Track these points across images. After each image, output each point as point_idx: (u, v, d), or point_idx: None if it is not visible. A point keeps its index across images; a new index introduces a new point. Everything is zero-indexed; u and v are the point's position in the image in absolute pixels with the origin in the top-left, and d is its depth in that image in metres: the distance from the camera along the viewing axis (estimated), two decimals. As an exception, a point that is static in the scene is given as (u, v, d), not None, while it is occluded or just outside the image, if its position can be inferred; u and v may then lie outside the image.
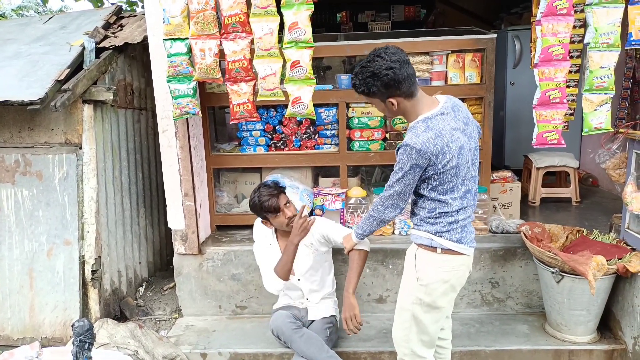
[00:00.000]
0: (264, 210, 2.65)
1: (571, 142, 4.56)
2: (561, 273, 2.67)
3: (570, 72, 2.59)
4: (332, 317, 2.80)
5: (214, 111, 3.72)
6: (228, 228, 3.52)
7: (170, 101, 2.80)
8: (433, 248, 2.05)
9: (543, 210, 3.88)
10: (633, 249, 2.73)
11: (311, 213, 3.23)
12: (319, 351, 2.54)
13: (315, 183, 3.56)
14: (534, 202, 3.98)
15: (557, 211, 3.82)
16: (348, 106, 3.26)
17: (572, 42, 2.59)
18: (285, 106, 2.85)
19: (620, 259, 2.65)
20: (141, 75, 3.72)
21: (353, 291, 2.49)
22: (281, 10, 2.49)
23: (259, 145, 3.38)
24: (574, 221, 3.51)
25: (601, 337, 2.82)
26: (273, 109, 3.36)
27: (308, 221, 2.58)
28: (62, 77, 3.03)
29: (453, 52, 3.15)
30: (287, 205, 2.69)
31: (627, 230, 2.81)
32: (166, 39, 2.65)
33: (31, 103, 2.84)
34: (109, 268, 3.29)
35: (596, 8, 2.40)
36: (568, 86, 2.74)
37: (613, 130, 2.65)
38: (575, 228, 3.05)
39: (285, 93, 2.65)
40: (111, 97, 3.12)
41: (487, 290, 3.13)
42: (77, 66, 3.22)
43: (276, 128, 3.39)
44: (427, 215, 2.05)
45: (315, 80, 2.61)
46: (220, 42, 2.60)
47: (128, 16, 3.90)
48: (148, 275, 3.81)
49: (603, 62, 2.45)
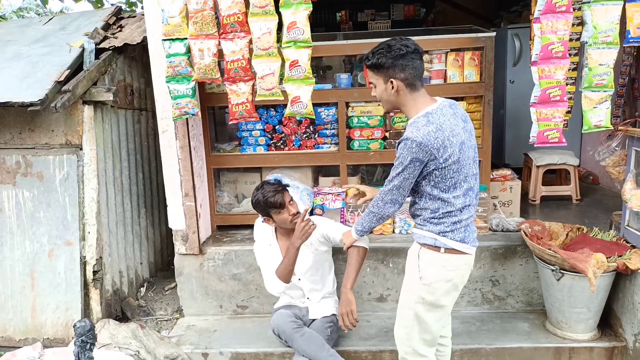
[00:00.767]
0: (268, 206, 2.64)
1: (571, 140, 4.55)
2: (561, 271, 2.68)
3: (568, 70, 2.59)
4: (333, 316, 2.80)
5: (214, 111, 3.72)
6: (229, 228, 3.53)
7: (170, 101, 2.80)
8: (437, 247, 2.05)
9: (543, 208, 3.88)
10: (633, 246, 2.73)
11: (311, 212, 3.23)
12: (320, 350, 2.55)
13: (315, 182, 3.56)
14: (534, 200, 3.98)
15: (557, 209, 3.82)
16: (347, 105, 3.26)
17: (570, 40, 2.58)
18: (284, 106, 2.85)
19: (620, 257, 2.65)
20: (141, 75, 3.73)
21: (351, 287, 2.49)
22: (280, 9, 2.49)
23: (259, 145, 3.39)
24: (574, 219, 3.51)
25: (602, 335, 2.82)
26: (273, 109, 3.36)
27: (310, 225, 2.57)
28: (62, 78, 3.04)
29: (452, 51, 3.15)
30: (291, 202, 2.69)
31: (627, 227, 2.81)
32: (165, 39, 2.65)
33: (31, 104, 2.85)
34: (110, 268, 3.30)
35: (594, 5, 2.40)
36: (566, 84, 2.74)
37: (612, 127, 2.65)
38: (575, 226, 3.06)
39: (284, 93, 2.65)
40: (111, 98, 3.13)
41: (488, 288, 3.13)
42: (77, 67, 3.23)
43: (276, 128, 3.39)
44: (431, 215, 2.04)
45: (314, 79, 2.61)
46: (218, 42, 2.60)
47: (127, 17, 3.91)
48: (149, 275, 3.82)
49: (602, 60, 2.45)
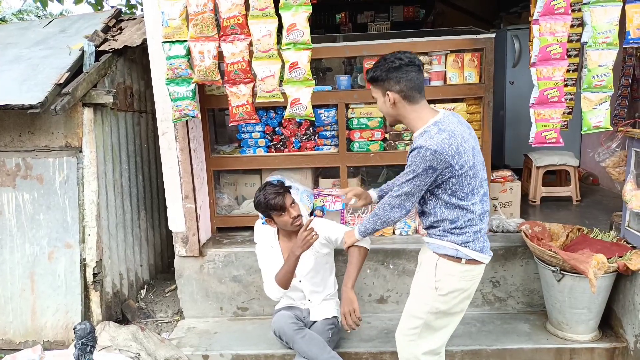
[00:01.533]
0: (270, 208, 2.63)
1: (571, 141, 4.57)
2: (562, 272, 2.67)
3: (568, 71, 2.60)
4: (334, 318, 2.80)
5: (214, 113, 3.73)
6: (229, 230, 3.52)
7: (169, 104, 2.80)
8: (458, 259, 2.03)
9: (543, 209, 3.88)
10: (633, 247, 2.73)
11: (311, 214, 3.23)
12: (321, 352, 2.54)
13: (315, 184, 3.56)
14: (534, 201, 3.98)
15: (558, 210, 3.82)
16: (347, 107, 3.26)
17: (570, 41, 2.59)
18: (284, 107, 2.85)
19: (620, 257, 2.65)
20: (141, 78, 3.73)
21: (352, 286, 2.49)
22: (279, 11, 2.49)
23: (259, 146, 3.39)
24: (575, 220, 3.51)
25: (602, 336, 2.82)
26: (272, 111, 3.36)
27: (312, 235, 2.55)
28: (62, 81, 3.04)
29: (452, 52, 3.15)
30: (293, 205, 2.68)
31: (628, 228, 2.81)
32: (165, 42, 2.65)
33: (31, 107, 2.85)
34: (110, 271, 3.30)
35: (594, 7, 2.40)
36: (566, 85, 2.75)
37: (612, 128, 2.65)
38: (575, 227, 3.06)
39: (284, 94, 2.65)
40: (111, 100, 3.13)
41: (488, 289, 3.13)
42: (77, 70, 3.23)
43: (276, 129, 3.39)
44: (452, 226, 2.02)
45: (314, 81, 2.61)
46: (219, 44, 2.60)
47: (127, 19, 3.91)
48: (149, 277, 3.82)
49: (601, 61, 2.45)
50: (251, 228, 3.14)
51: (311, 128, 3.37)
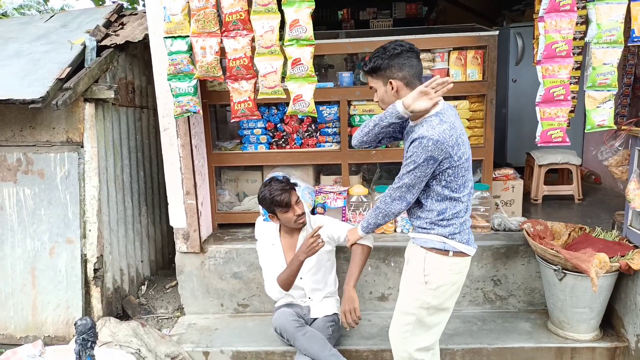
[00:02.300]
0: (274, 204, 2.61)
1: (574, 140, 4.53)
2: (563, 271, 2.67)
3: (572, 69, 2.58)
4: (335, 316, 2.80)
5: (215, 109, 3.71)
6: (230, 226, 3.52)
7: (171, 99, 2.80)
8: (445, 251, 2.03)
9: (545, 207, 3.87)
10: (636, 246, 2.72)
11: (313, 211, 3.22)
12: (322, 349, 2.54)
13: (316, 181, 3.56)
14: (536, 200, 3.97)
15: (560, 209, 3.81)
16: (349, 104, 3.25)
17: (575, 39, 2.57)
18: (286, 104, 2.84)
19: (622, 257, 2.64)
20: (142, 73, 3.72)
21: (354, 285, 2.48)
22: (282, 7, 2.48)
23: (261, 143, 3.38)
24: (577, 219, 3.50)
25: (604, 335, 2.81)
26: (274, 107, 3.35)
27: (318, 243, 2.53)
28: (64, 76, 3.03)
29: (455, 50, 3.14)
30: (298, 202, 2.67)
31: (630, 227, 2.80)
32: (167, 37, 2.64)
33: (33, 102, 2.84)
34: (111, 266, 3.30)
35: (599, 4, 2.39)
36: (570, 83, 2.72)
37: (616, 127, 2.64)
38: (577, 225, 3.05)
39: (286, 91, 2.64)
40: (112, 96, 3.12)
41: (490, 288, 3.12)
42: (79, 65, 3.22)
43: (277, 126, 3.38)
44: (438, 217, 2.02)
45: (316, 77, 2.60)
46: (221, 40, 2.59)
47: (129, 14, 3.90)
48: (150, 273, 3.82)
49: (606, 59, 2.44)
50: (252, 225, 3.13)
51: (313, 125, 3.36)
